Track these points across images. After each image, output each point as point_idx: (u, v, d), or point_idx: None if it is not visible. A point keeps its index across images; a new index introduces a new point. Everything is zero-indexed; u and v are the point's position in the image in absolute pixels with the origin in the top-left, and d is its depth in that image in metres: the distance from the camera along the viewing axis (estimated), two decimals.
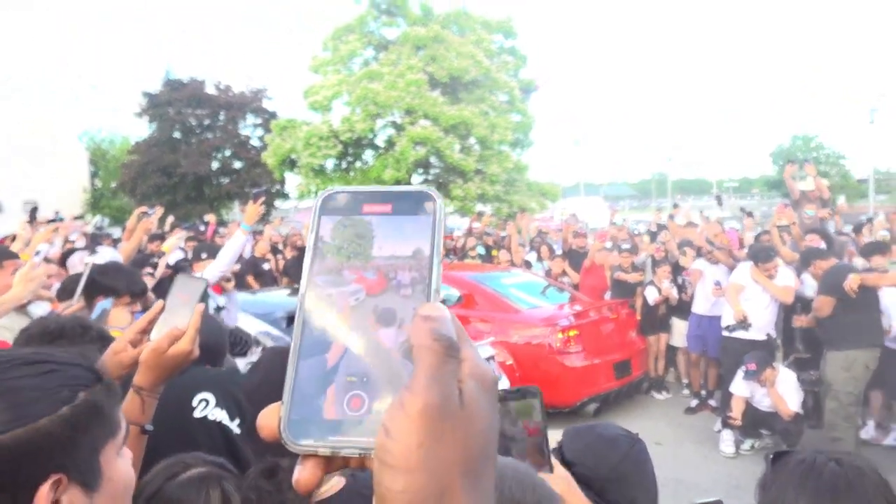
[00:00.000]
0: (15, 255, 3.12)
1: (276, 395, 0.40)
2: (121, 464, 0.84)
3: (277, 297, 5.92)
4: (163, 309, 1.32)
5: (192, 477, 1.21)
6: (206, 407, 1.74)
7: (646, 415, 6.66)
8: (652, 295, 7.12)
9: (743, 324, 5.70)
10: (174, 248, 4.45)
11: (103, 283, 2.98)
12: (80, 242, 7.92)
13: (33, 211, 5.00)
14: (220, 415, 1.73)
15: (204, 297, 1.39)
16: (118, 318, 2.84)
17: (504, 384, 5.21)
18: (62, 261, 5.77)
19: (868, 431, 5.45)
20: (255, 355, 4.97)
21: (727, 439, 5.63)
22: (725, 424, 5.67)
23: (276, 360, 1.40)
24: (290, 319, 4.90)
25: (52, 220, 8.76)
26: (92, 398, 0.81)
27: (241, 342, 5.00)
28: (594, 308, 6.85)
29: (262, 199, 4.31)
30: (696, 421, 6.49)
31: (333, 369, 0.40)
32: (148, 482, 1.17)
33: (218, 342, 2.09)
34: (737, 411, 5.54)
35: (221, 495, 1.23)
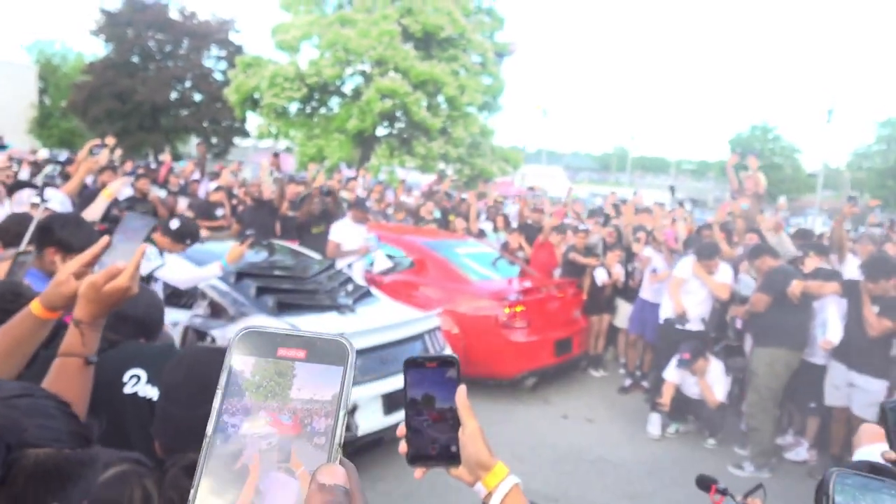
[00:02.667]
0: None
1: (197, 398, 0.40)
2: None
3: (225, 248, 5.81)
4: (109, 245, 1.34)
5: (113, 476, 1.21)
6: (137, 383, 1.73)
7: (581, 391, 6.91)
8: (601, 277, 7.30)
9: (682, 318, 5.95)
10: (116, 192, 4.27)
11: (60, 235, 2.84)
12: (25, 172, 7.59)
13: None
14: (150, 392, 1.72)
15: (149, 238, 1.40)
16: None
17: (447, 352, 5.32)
18: (9, 193, 5.52)
19: (786, 439, 5.77)
20: (200, 308, 4.94)
21: (654, 422, 5.90)
22: (654, 408, 5.94)
23: (200, 361, 1.39)
24: (239, 276, 4.85)
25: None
26: (93, 453, 0.86)
27: (184, 294, 4.94)
28: (542, 285, 6.98)
29: (250, 241, 4.25)
30: (628, 400, 6.76)
31: None
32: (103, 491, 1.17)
33: (154, 316, 2.06)
34: (666, 397, 5.80)
35: (142, 493, 1.23)
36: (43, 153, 14.07)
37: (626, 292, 7.40)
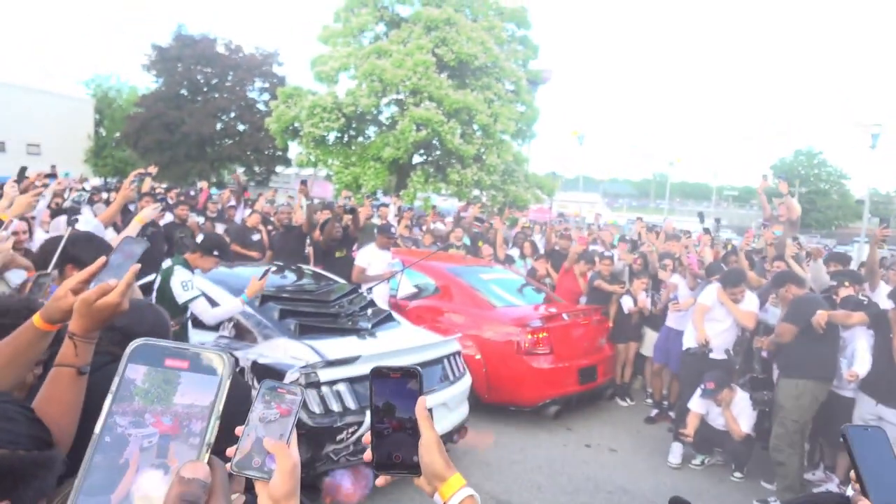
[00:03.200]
0: None
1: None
2: None
3: (254, 273, 6.00)
4: (106, 263, 1.43)
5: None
6: None
7: (606, 421, 6.82)
8: (627, 304, 7.25)
9: (705, 347, 5.83)
10: (148, 217, 4.49)
11: (72, 252, 3.03)
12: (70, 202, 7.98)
13: (22, 171, 5.05)
14: None
15: (142, 259, 1.50)
16: None
17: (467, 381, 5.34)
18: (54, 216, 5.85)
19: (816, 475, 5.60)
20: (226, 330, 5.10)
21: (676, 451, 5.80)
22: (677, 438, 5.83)
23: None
24: (264, 299, 5.00)
25: (49, 175, 8.82)
26: (51, 456, 0.92)
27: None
28: (567, 311, 6.96)
29: (267, 275, 4.46)
30: (654, 431, 6.64)
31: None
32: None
33: (159, 333, 2.18)
34: (690, 427, 5.69)
35: None
36: (95, 181, 14.78)
37: (653, 320, 7.32)
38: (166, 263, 4.46)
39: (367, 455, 1.05)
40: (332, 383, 4.27)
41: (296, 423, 1.03)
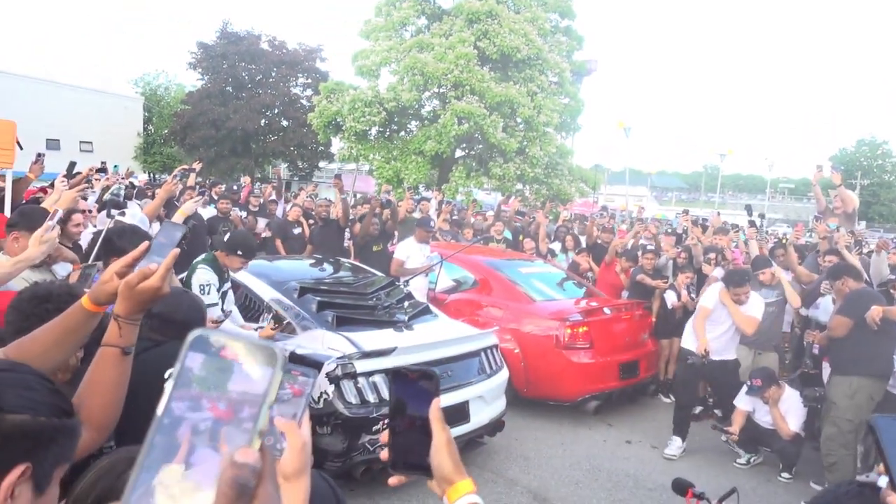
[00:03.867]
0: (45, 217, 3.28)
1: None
2: (55, 488, 0.96)
3: (293, 265, 6.07)
4: (149, 248, 1.49)
5: (110, 462, 1.31)
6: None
7: (648, 417, 6.67)
8: (671, 299, 7.07)
9: (704, 357, 5.51)
10: (190, 211, 4.57)
11: (117, 244, 3.11)
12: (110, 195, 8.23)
13: (71, 166, 5.21)
14: None
15: (181, 244, 1.54)
16: None
17: (504, 375, 5.29)
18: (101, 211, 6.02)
19: (870, 476, 5.36)
20: (265, 321, 5.17)
21: (674, 444, 5.75)
22: (713, 427, 5.71)
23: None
24: (303, 291, 5.04)
25: (100, 170, 9.11)
26: (70, 424, 0.96)
27: (253, 307, 5.20)
28: (608, 306, 6.83)
29: (278, 329, 4.46)
30: (697, 428, 6.44)
31: (168, 484, 0.48)
32: (98, 480, 1.28)
33: (194, 318, 2.21)
34: (736, 426, 5.52)
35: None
36: (142, 176, 15.29)
37: None
38: (199, 257, 4.53)
39: (384, 454, 1.05)
40: (368, 374, 4.29)
41: (308, 404, 1.05)
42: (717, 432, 5.74)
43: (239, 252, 4.43)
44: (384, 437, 1.06)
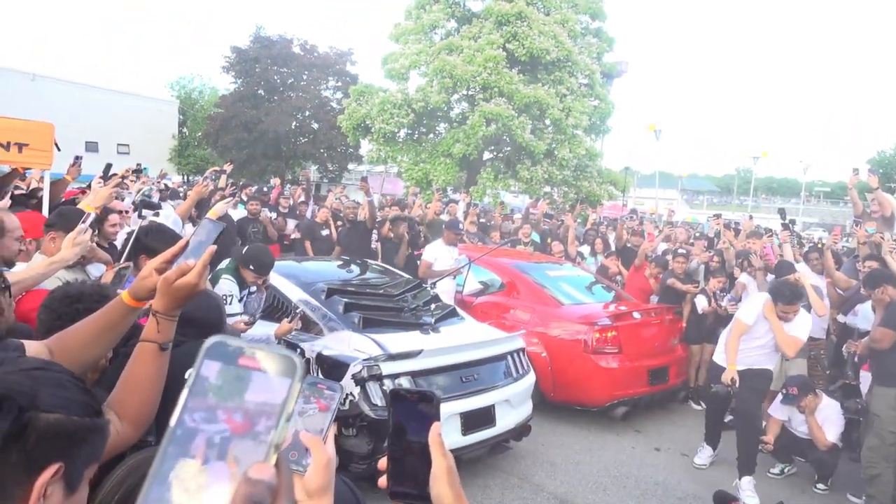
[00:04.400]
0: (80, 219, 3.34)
1: None
2: (85, 488, 0.96)
3: (321, 267, 6.11)
4: (186, 245, 1.52)
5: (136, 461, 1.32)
6: None
7: (678, 424, 6.55)
8: (701, 304, 6.94)
9: (731, 386, 5.04)
10: (220, 212, 4.62)
11: (146, 242, 3.15)
12: (155, 198, 8.39)
13: (107, 168, 5.32)
14: None
15: (218, 240, 1.56)
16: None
17: (531, 379, 5.24)
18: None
19: None
20: (295, 321, 5.20)
21: (703, 453, 5.58)
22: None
23: None
24: (330, 292, 5.07)
25: (136, 171, 9.30)
26: (100, 423, 0.96)
27: (281, 307, 5.24)
28: (637, 310, 6.73)
29: (297, 318, 4.48)
30: (729, 436, 6.30)
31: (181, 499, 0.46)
32: (125, 479, 1.29)
33: (213, 316, 2.22)
34: (770, 435, 5.39)
35: None
36: (176, 178, 15.61)
37: (729, 321, 6.96)
38: (223, 264, 4.55)
39: (382, 481, 0.99)
40: (394, 377, 4.28)
41: (333, 420, 1.03)
42: None
43: (251, 267, 4.45)
44: (382, 463, 1.00)
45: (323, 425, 0.98)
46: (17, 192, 5.90)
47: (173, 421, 0.48)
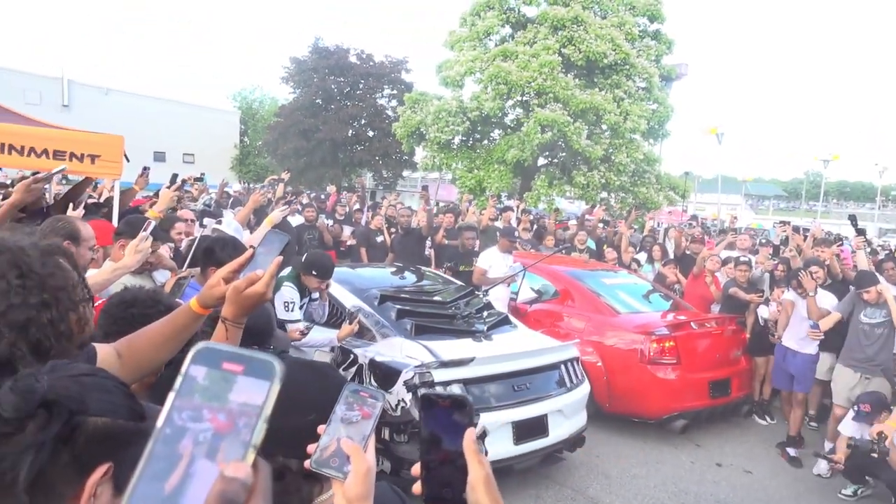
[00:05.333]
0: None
1: (287, 407, 0.50)
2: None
3: (375, 273, 6.16)
4: (253, 255, 1.58)
5: None
6: None
7: (741, 439, 6.29)
8: (764, 313, 6.67)
9: (878, 443, 4.68)
10: (277, 220, 4.73)
11: (220, 255, 3.21)
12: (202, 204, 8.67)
13: (173, 177, 5.53)
14: None
15: (285, 251, 1.61)
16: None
17: (585, 389, 5.14)
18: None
19: None
20: (355, 323, 5.27)
21: (821, 464, 5.29)
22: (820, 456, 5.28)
23: (294, 373, 1.53)
24: (383, 298, 5.11)
25: (198, 179, 9.64)
26: (147, 428, 0.99)
27: (338, 313, 5.31)
28: (697, 320, 6.52)
29: (356, 319, 4.57)
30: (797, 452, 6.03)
31: (170, 497, 0.48)
32: None
33: (262, 324, 2.26)
34: (840, 454, 5.12)
35: None
36: (237, 186, 16.18)
37: None
38: (284, 272, 4.64)
39: (417, 488, 0.97)
40: (446, 384, 4.27)
41: (375, 428, 1.02)
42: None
43: (313, 272, 4.54)
44: (416, 469, 0.98)
45: (364, 433, 0.99)
46: (89, 200, 6.20)
47: (160, 421, 0.50)
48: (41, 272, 1.23)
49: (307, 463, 1.03)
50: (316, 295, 4.78)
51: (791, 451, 5.86)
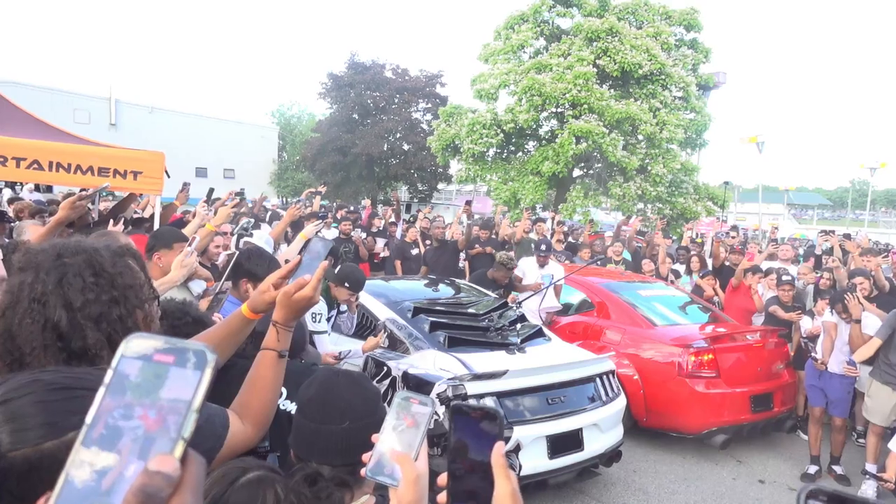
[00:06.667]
0: (185, 238, 3.57)
1: (324, 414, 0.49)
2: None
3: (408, 286, 6.19)
4: (300, 262, 1.65)
5: (251, 479, 1.38)
6: (280, 398, 1.93)
7: (784, 455, 6.11)
8: (806, 325, 6.47)
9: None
10: (310, 234, 4.81)
11: (248, 267, 3.29)
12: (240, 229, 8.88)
13: (210, 192, 5.68)
14: (290, 406, 1.92)
15: (330, 256, 1.67)
16: None
17: (621, 402, 5.06)
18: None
19: None
20: (381, 336, 5.30)
21: (868, 487, 5.05)
22: (868, 475, 5.07)
23: (331, 381, 1.57)
24: (416, 311, 5.13)
25: (238, 194, 9.87)
26: (72, 439, 0.96)
27: (370, 326, 5.35)
28: (737, 332, 6.37)
29: (383, 333, 4.57)
30: (848, 468, 5.82)
31: (107, 492, 0.45)
32: (212, 486, 1.35)
33: (300, 337, 2.29)
34: (891, 472, 4.90)
35: (275, 496, 1.40)
36: (275, 200, 16.53)
37: None
38: None
39: (441, 498, 0.96)
40: (479, 397, 4.25)
41: (425, 435, 1.03)
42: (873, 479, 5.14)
43: (346, 284, 4.58)
44: (442, 479, 0.97)
45: (414, 441, 1.00)
46: (134, 216, 6.41)
47: (88, 418, 0.48)
48: (111, 271, 1.33)
49: (363, 471, 1.04)
50: (344, 308, 4.82)
51: (838, 469, 5.66)
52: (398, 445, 1.02)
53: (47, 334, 1.29)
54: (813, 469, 5.67)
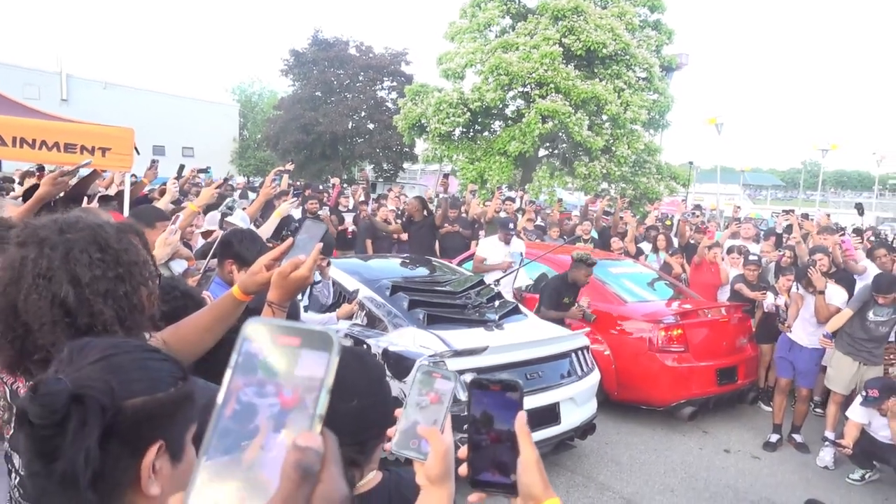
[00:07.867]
0: (167, 217, 3.50)
1: (333, 391, 0.50)
2: (190, 448, 0.99)
3: (384, 264, 6.19)
4: (293, 244, 1.64)
5: None
6: None
7: (748, 426, 6.35)
8: (769, 301, 6.71)
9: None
10: (285, 212, 4.77)
11: (237, 249, 3.21)
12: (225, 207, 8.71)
13: (181, 168, 5.56)
14: None
15: (324, 238, 1.67)
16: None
17: (595, 377, 5.18)
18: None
19: None
20: (359, 318, 5.30)
21: (825, 455, 5.34)
22: (828, 442, 5.34)
23: (346, 361, 1.57)
24: (394, 289, 5.14)
25: (201, 170, 9.66)
26: (187, 387, 0.99)
27: (340, 300, 5.33)
28: (704, 308, 6.56)
29: (356, 297, 4.61)
30: (808, 437, 6.09)
31: (249, 469, 0.48)
32: None
33: (291, 314, 2.30)
34: (849, 439, 5.17)
35: None
36: (239, 180, 16.24)
37: None
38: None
39: (463, 469, 0.99)
40: (460, 373, 4.30)
41: (449, 410, 1.05)
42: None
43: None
44: (463, 452, 1.00)
45: (438, 416, 1.02)
46: (99, 192, 6.22)
47: (220, 398, 0.50)
48: (117, 247, 1.31)
49: (388, 445, 1.06)
50: (318, 277, 4.79)
51: (797, 438, 5.93)
52: (423, 420, 1.03)
53: (56, 310, 1.27)
54: (774, 438, 5.91)
